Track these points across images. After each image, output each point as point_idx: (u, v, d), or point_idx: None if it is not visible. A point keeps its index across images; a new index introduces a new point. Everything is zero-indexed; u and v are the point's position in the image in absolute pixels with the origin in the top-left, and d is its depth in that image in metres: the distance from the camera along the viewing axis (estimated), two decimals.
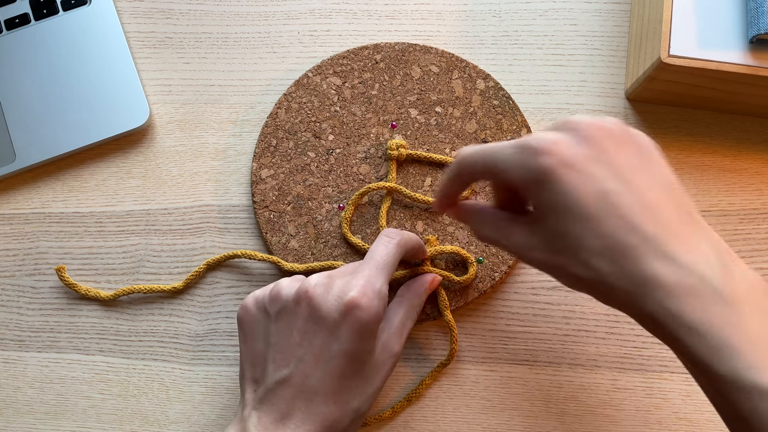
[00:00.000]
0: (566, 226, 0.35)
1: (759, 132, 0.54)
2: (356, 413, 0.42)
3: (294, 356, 0.41)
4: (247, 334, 0.44)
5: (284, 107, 0.55)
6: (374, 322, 0.41)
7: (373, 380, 0.43)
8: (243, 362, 0.44)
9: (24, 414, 0.52)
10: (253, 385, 0.43)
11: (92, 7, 0.58)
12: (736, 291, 0.33)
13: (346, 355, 0.41)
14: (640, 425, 0.50)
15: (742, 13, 0.49)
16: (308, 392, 0.41)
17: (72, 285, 0.53)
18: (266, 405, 0.41)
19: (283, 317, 0.43)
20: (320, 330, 0.41)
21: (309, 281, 0.42)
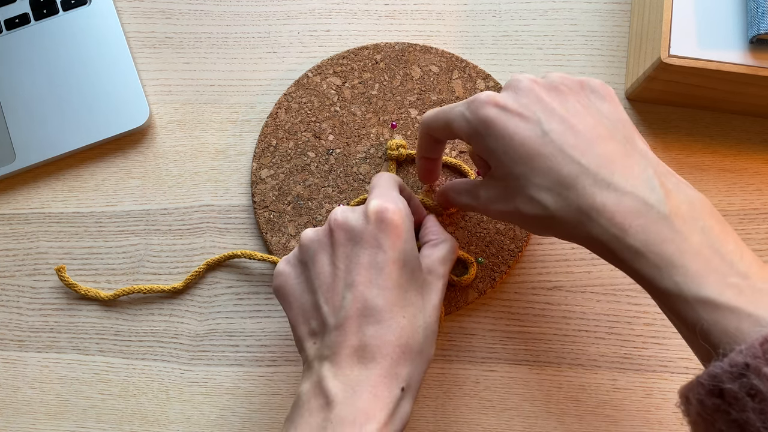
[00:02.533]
0: (512, 169, 0.38)
1: (759, 132, 0.54)
2: (426, 329, 0.41)
3: (345, 284, 0.40)
4: (289, 295, 0.43)
5: (284, 107, 0.55)
6: (407, 221, 0.41)
7: (428, 296, 0.42)
8: (295, 327, 0.42)
9: (24, 414, 0.52)
10: (312, 339, 0.41)
11: (92, 7, 0.58)
12: (676, 210, 0.35)
13: (394, 262, 0.40)
14: (640, 425, 0.50)
15: (742, 13, 0.49)
16: (373, 314, 0.39)
17: (72, 285, 0.53)
18: (334, 348, 0.40)
19: (319, 256, 0.42)
20: (361, 247, 0.40)
21: (331, 215, 0.42)
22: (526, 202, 0.38)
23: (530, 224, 0.40)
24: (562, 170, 0.37)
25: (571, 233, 0.37)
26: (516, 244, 0.52)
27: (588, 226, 0.36)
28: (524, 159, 0.38)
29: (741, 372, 0.31)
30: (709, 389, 0.32)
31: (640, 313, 0.52)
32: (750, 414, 0.30)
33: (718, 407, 0.32)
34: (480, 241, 0.52)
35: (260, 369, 0.52)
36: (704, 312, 0.33)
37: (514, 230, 0.52)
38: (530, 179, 0.37)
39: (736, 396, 0.31)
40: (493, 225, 0.52)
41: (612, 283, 0.52)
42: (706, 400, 0.32)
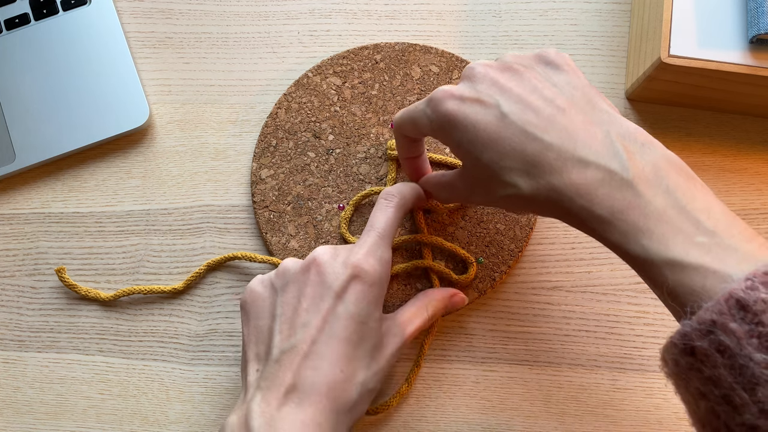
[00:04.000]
0: (480, 156, 0.39)
1: (759, 132, 0.54)
2: (363, 387, 0.42)
3: (301, 322, 0.42)
4: (251, 313, 0.44)
5: (284, 107, 0.55)
6: (378, 286, 0.43)
7: (378, 358, 0.44)
8: (246, 344, 0.44)
9: (24, 414, 0.52)
10: (256, 364, 0.43)
11: (92, 7, 0.58)
12: (640, 173, 0.36)
13: (351, 318, 0.42)
14: (640, 425, 0.50)
15: (742, 13, 0.49)
16: (314, 358, 0.41)
17: (72, 286, 0.53)
18: (270, 380, 0.41)
19: (290, 287, 0.43)
20: (327, 294, 0.42)
21: (316, 251, 0.44)
22: (500, 186, 0.39)
23: (510, 206, 0.40)
24: (526, 150, 0.37)
25: (547, 209, 0.38)
26: (516, 244, 0.52)
27: (558, 201, 0.37)
28: (489, 145, 0.38)
29: (708, 329, 0.31)
30: (682, 348, 0.32)
31: (640, 313, 0.52)
32: (721, 370, 0.31)
33: (692, 365, 0.32)
34: (480, 241, 0.52)
35: None
36: (671, 273, 0.33)
37: (514, 230, 0.52)
38: (499, 163, 0.38)
39: (706, 353, 0.31)
40: (493, 225, 0.52)
41: (612, 283, 0.52)
42: (680, 359, 0.32)
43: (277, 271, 0.45)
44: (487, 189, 0.40)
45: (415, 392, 0.51)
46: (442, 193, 0.46)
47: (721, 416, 0.31)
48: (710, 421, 0.32)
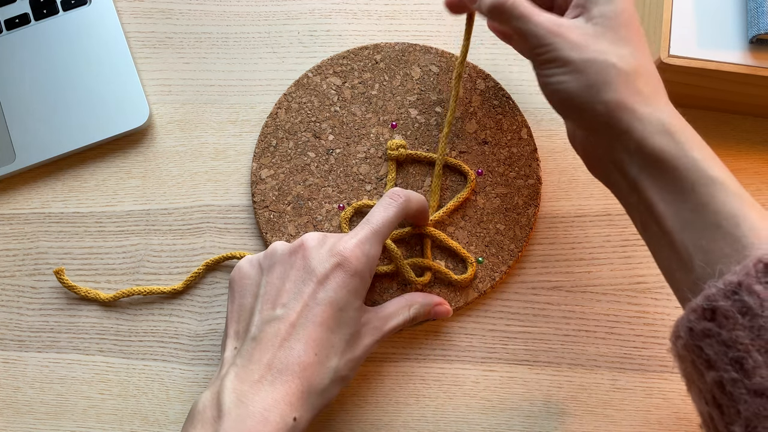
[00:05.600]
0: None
1: (759, 132, 0.54)
2: (335, 373, 0.43)
3: (281, 303, 0.43)
4: (236, 291, 0.46)
5: (284, 107, 0.55)
6: (360, 278, 0.44)
7: (354, 347, 0.44)
8: (228, 321, 0.45)
9: (24, 414, 0.52)
10: (234, 341, 0.44)
11: (92, 7, 0.58)
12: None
13: (330, 304, 0.43)
14: (640, 425, 0.50)
15: (742, 13, 0.49)
16: (291, 340, 0.42)
17: (71, 287, 0.53)
18: (245, 358, 0.42)
19: (276, 268, 0.45)
20: (310, 279, 0.43)
21: (306, 236, 0.45)
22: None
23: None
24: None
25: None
26: (516, 244, 0.52)
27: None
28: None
29: (734, 290, 0.32)
30: (702, 312, 0.33)
31: (640, 313, 0.52)
32: (739, 331, 0.31)
33: (708, 332, 0.33)
34: (480, 241, 0.52)
35: None
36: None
37: (514, 230, 0.52)
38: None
39: (727, 314, 0.32)
40: (493, 225, 0.52)
41: (612, 283, 0.52)
42: (696, 325, 0.33)
43: (265, 252, 0.46)
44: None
45: (414, 392, 0.51)
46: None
47: (727, 386, 0.32)
48: (714, 394, 0.33)
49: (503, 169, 0.53)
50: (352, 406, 0.51)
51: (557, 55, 0.40)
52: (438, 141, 0.53)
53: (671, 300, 0.52)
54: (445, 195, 0.53)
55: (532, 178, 0.53)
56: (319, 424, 0.51)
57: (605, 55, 0.39)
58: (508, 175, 0.53)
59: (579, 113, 0.40)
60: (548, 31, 0.40)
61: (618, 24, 0.40)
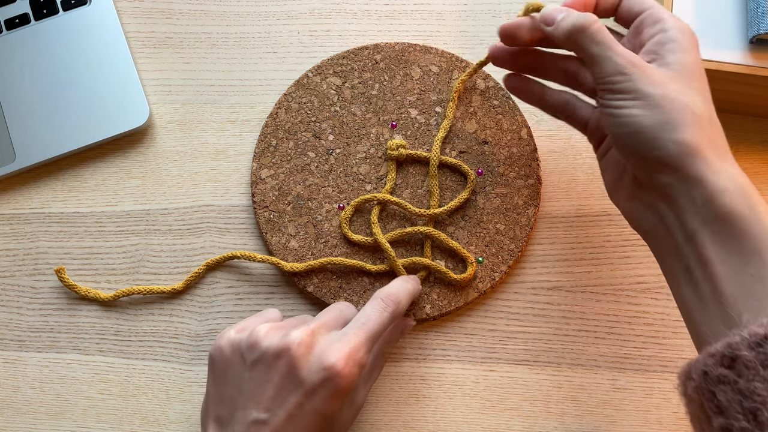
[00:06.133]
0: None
1: (759, 132, 0.54)
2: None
3: (265, 406, 0.41)
4: (218, 375, 0.43)
5: (284, 107, 0.55)
6: (351, 389, 0.41)
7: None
8: (209, 400, 0.43)
9: (24, 414, 0.52)
10: (216, 425, 0.42)
11: (92, 7, 0.58)
12: None
13: (317, 414, 0.41)
14: (640, 425, 0.50)
15: (742, 13, 0.49)
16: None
17: (72, 286, 0.53)
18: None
19: (259, 367, 0.41)
20: (296, 390, 0.40)
21: (292, 338, 0.41)
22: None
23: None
24: None
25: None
26: (516, 244, 0.52)
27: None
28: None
29: (759, 342, 0.32)
30: (720, 358, 0.33)
31: (640, 313, 0.52)
32: (758, 383, 0.31)
33: (724, 378, 0.32)
34: (480, 241, 0.52)
35: None
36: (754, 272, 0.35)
37: (514, 230, 0.52)
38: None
39: (748, 364, 0.32)
40: (493, 225, 0.52)
41: (612, 283, 0.52)
42: (712, 370, 0.33)
43: (249, 340, 0.42)
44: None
45: (414, 392, 0.51)
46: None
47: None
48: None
49: (503, 169, 0.53)
50: None
51: (635, 87, 0.39)
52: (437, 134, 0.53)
53: (671, 300, 0.52)
54: (445, 195, 0.53)
55: (532, 178, 0.53)
56: None
57: (683, 96, 0.38)
58: (508, 175, 0.53)
59: (647, 150, 0.39)
60: (628, 62, 0.39)
61: (693, 73, 0.39)
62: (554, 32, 0.42)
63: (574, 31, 0.41)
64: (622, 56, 0.39)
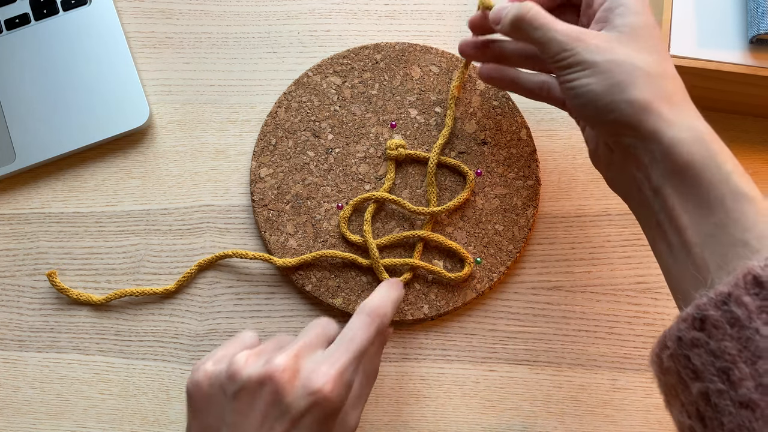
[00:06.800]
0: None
1: (759, 132, 0.54)
2: None
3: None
4: (198, 408, 0.41)
5: (284, 106, 0.55)
6: (339, 411, 0.39)
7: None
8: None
9: (24, 414, 0.52)
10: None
11: (92, 7, 0.58)
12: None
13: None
14: (640, 425, 0.50)
15: (742, 13, 0.49)
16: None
17: (63, 290, 0.53)
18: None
19: (242, 397, 0.39)
20: (283, 417, 0.38)
21: (276, 364, 0.39)
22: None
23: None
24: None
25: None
26: (514, 245, 0.52)
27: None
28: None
29: (724, 300, 0.32)
30: (692, 321, 0.33)
31: (640, 313, 0.52)
32: (727, 342, 0.32)
33: (696, 341, 0.33)
34: (478, 242, 0.52)
35: None
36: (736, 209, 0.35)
37: (513, 231, 0.52)
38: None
39: (716, 324, 0.32)
40: (491, 226, 0.52)
41: (612, 283, 0.52)
42: (685, 334, 0.33)
43: (228, 371, 0.40)
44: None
45: (414, 392, 0.51)
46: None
47: (712, 397, 0.32)
48: (698, 406, 0.33)
49: (502, 169, 0.53)
50: None
51: (580, 58, 0.40)
52: (437, 141, 0.53)
53: (671, 300, 0.51)
54: (445, 195, 0.53)
55: (531, 179, 0.53)
56: None
57: (631, 58, 0.39)
58: (507, 176, 0.53)
59: (604, 115, 0.40)
60: (570, 37, 0.40)
61: (643, 34, 0.40)
62: (501, 30, 0.45)
63: (515, 24, 0.43)
64: (562, 33, 0.41)
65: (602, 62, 0.39)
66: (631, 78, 0.38)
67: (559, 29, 0.41)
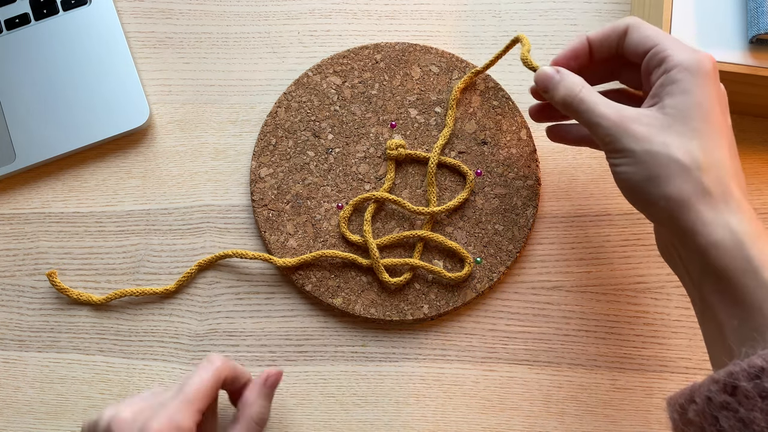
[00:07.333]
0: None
1: (759, 132, 0.54)
2: None
3: None
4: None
5: (284, 106, 0.55)
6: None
7: None
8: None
9: (24, 414, 0.52)
10: None
11: (92, 7, 0.58)
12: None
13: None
14: (640, 425, 0.50)
15: (742, 13, 0.49)
16: None
17: (63, 290, 0.53)
18: None
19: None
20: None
21: (118, 415, 0.42)
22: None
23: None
24: None
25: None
26: (514, 245, 0.52)
27: None
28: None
29: (756, 373, 0.32)
30: (723, 385, 0.33)
31: (640, 313, 0.52)
32: (757, 413, 0.32)
33: (727, 405, 0.33)
34: (478, 242, 0.52)
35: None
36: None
37: (513, 231, 0.52)
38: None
39: (748, 395, 0.32)
40: (491, 226, 0.52)
41: (612, 283, 0.52)
42: (716, 396, 0.34)
43: (88, 425, 0.44)
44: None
45: (414, 392, 0.51)
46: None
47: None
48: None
49: (502, 169, 0.53)
50: (352, 405, 0.51)
51: (620, 146, 0.39)
52: (437, 141, 0.53)
53: (671, 300, 0.52)
54: (444, 195, 0.53)
55: (531, 179, 0.53)
56: (320, 424, 0.51)
57: (668, 148, 0.38)
58: (507, 176, 0.53)
59: (643, 205, 0.40)
60: (612, 122, 0.40)
61: (690, 116, 0.39)
62: (553, 101, 0.44)
63: (565, 104, 0.42)
64: (605, 118, 0.40)
65: (640, 152, 0.39)
66: (666, 172, 0.38)
67: (603, 113, 0.40)
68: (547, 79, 0.44)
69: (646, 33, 0.42)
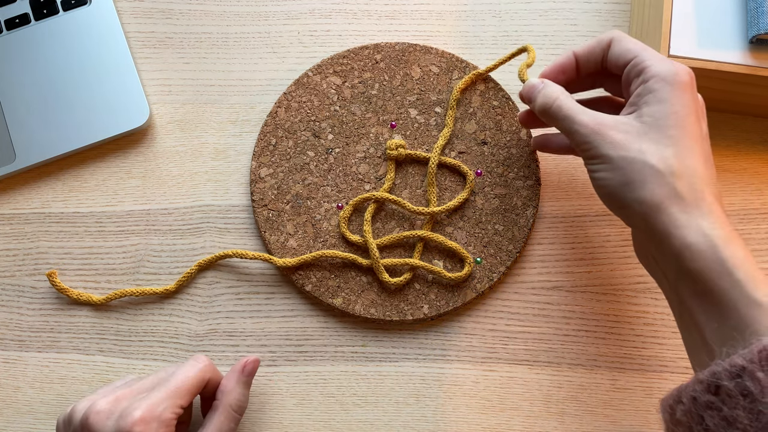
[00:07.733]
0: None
1: (759, 132, 0.54)
2: None
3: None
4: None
5: (284, 106, 0.55)
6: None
7: None
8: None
9: (24, 414, 0.52)
10: None
11: (92, 7, 0.58)
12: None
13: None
14: (640, 425, 0.50)
15: (742, 13, 0.49)
16: None
17: (63, 290, 0.53)
18: None
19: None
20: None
21: (94, 406, 0.43)
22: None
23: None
24: None
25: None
26: (514, 245, 0.52)
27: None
28: None
29: (738, 372, 0.34)
30: (707, 385, 0.35)
31: (640, 313, 0.52)
32: (740, 411, 0.33)
33: (711, 404, 0.34)
34: (478, 242, 0.52)
35: (260, 369, 0.52)
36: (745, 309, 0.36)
37: (513, 231, 0.52)
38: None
39: (730, 393, 0.34)
40: (491, 226, 0.52)
41: (612, 283, 0.52)
42: (701, 396, 0.35)
43: (65, 417, 0.45)
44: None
45: (414, 392, 0.51)
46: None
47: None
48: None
49: (502, 170, 0.53)
50: (352, 405, 0.51)
51: (598, 153, 0.41)
52: (437, 141, 0.53)
53: None
54: (444, 195, 0.53)
55: (531, 179, 0.53)
56: (320, 424, 0.51)
57: (644, 155, 0.39)
58: (507, 176, 0.53)
59: (620, 209, 0.42)
60: (590, 129, 0.41)
61: (666, 124, 0.40)
62: (534, 110, 0.46)
63: (543, 112, 0.44)
64: (583, 125, 0.42)
65: (617, 158, 0.40)
66: (641, 177, 0.39)
67: (582, 121, 0.42)
68: (531, 89, 0.46)
69: (627, 46, 0.43)
